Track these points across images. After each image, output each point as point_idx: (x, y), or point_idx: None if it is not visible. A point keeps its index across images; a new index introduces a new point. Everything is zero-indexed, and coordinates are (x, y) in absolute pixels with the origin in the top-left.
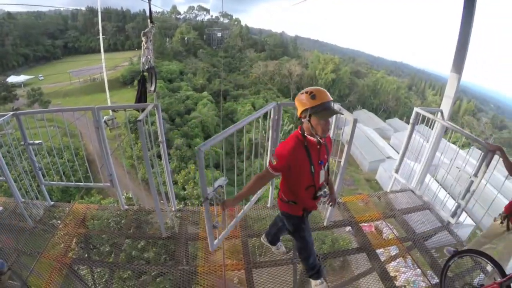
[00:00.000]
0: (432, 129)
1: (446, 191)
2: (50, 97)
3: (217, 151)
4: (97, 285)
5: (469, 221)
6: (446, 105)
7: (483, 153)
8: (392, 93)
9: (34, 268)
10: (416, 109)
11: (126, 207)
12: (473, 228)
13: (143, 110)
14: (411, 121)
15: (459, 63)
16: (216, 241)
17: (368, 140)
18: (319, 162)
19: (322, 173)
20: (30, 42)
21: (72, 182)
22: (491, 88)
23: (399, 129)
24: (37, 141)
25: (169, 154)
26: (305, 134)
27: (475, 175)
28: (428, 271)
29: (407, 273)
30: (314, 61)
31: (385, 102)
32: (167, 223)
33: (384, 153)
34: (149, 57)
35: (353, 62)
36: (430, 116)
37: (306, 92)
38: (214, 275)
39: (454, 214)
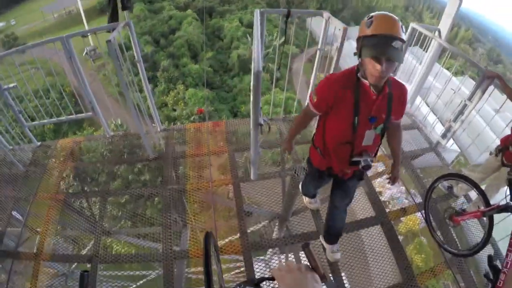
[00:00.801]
0: (426, 51)
1: (436, 115)
2: (26, 40)
3: (204, 68)
4: (95, 215)
5: (454, 147)
6: (445, 25)
7: (479, 78)
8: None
9: (31, 210)
10: (412, 25)
11: (112, 133)
12: (458, 154)
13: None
14: (405, 38)
15: None
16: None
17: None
18: (370, 118)
19: (371, 134)
20: None
21: (54, 118)
22: (491, 19)
23: None
24: (11, 85)
25: (156, 76)
26: (359, 75)
27: (469, 99)
28: (412, 190)
29: (392, 189)
30: None
31: None
32: (154, 144)
33: None
34: None
35: None
36: (427, 33)
37: (368, 16)
38: (203, 191)
39: (444, 136)
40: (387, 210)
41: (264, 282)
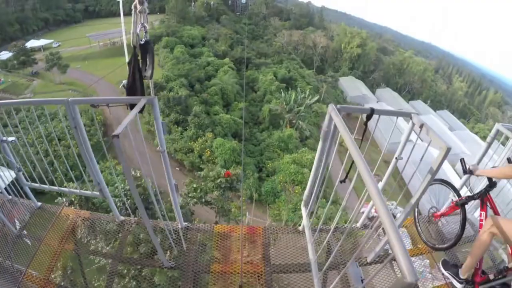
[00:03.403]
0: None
1: None
2: (69, 61)
3: (236, 120)
4: None
5: None
6: None
7: None
8: (419, 75)
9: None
10: (497, 126)
11: (122, 218)
12: None
13: (132, 106)
14: (488, 139)
15: None
16: None
17: (390, 120)
18: None
19: None
20: (50, 6)
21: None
22: None
23: (422, 112)
24: (10, 138)
25: (187, 120)
26: None
27: None
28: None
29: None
30: (341, 34)
31: (410, 83)
32: (171, 247)
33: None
34: (146, 26)
35: (380, 38)
36: None
37: None
38: None
39: None
40: None
41: None
